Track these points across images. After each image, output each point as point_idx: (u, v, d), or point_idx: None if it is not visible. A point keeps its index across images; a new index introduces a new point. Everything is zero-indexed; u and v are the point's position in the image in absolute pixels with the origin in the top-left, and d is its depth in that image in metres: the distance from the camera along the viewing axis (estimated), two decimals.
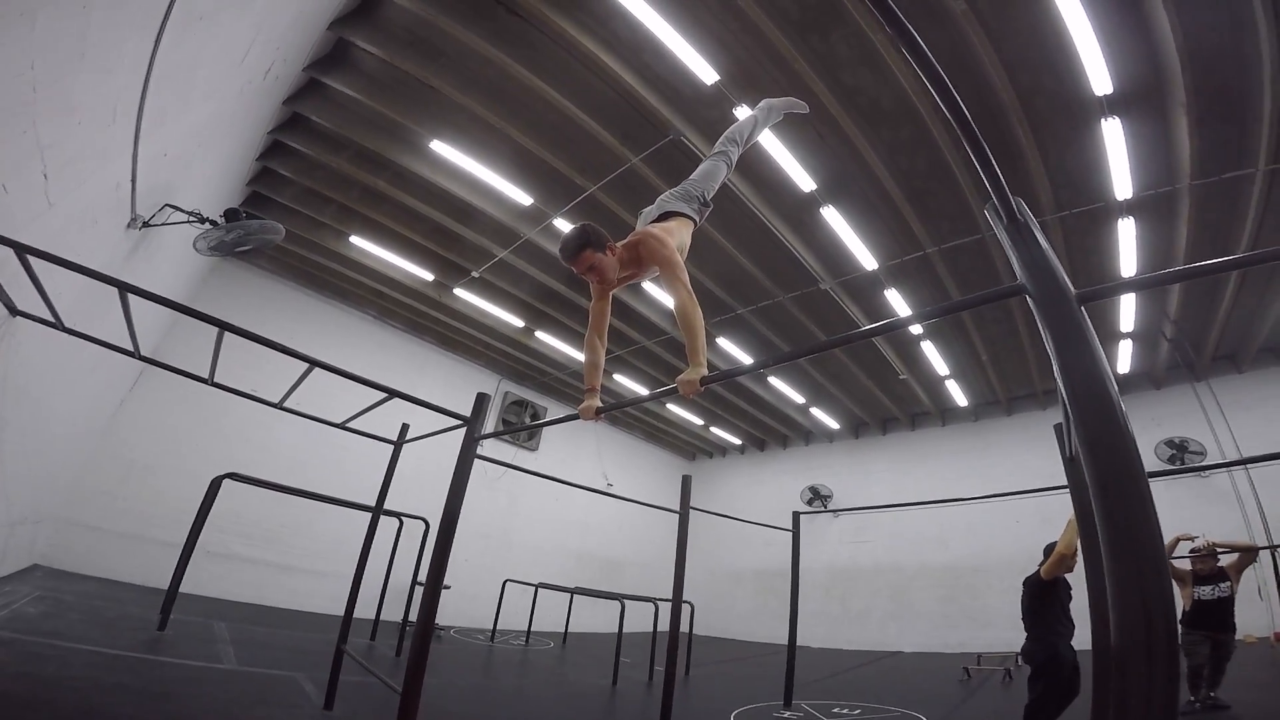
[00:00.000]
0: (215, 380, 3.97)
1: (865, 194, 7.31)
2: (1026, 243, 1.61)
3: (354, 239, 9.09)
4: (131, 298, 3.21)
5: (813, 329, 10.13)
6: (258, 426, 9.05)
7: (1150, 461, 9.85)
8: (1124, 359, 10.32)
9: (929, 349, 10.58)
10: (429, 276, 9.82)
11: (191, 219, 5.18)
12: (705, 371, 2.41)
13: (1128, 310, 9.06)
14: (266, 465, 8.14)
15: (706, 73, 5.83)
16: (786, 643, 6.35)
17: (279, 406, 4.17)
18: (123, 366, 7.17)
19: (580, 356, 11.82)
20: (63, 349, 4.44)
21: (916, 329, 9.97)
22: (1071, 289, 1.51)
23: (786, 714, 5.55)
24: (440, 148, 7.09)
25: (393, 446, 4.95)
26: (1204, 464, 9.52)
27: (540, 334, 11.37)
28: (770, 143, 6.50)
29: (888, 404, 13.14)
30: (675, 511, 5.43)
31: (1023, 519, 10.91)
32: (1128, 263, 7.64)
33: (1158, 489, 3.65)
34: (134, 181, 4.22)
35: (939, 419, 13.45)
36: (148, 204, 4.76)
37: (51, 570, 7.34)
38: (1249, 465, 8.06)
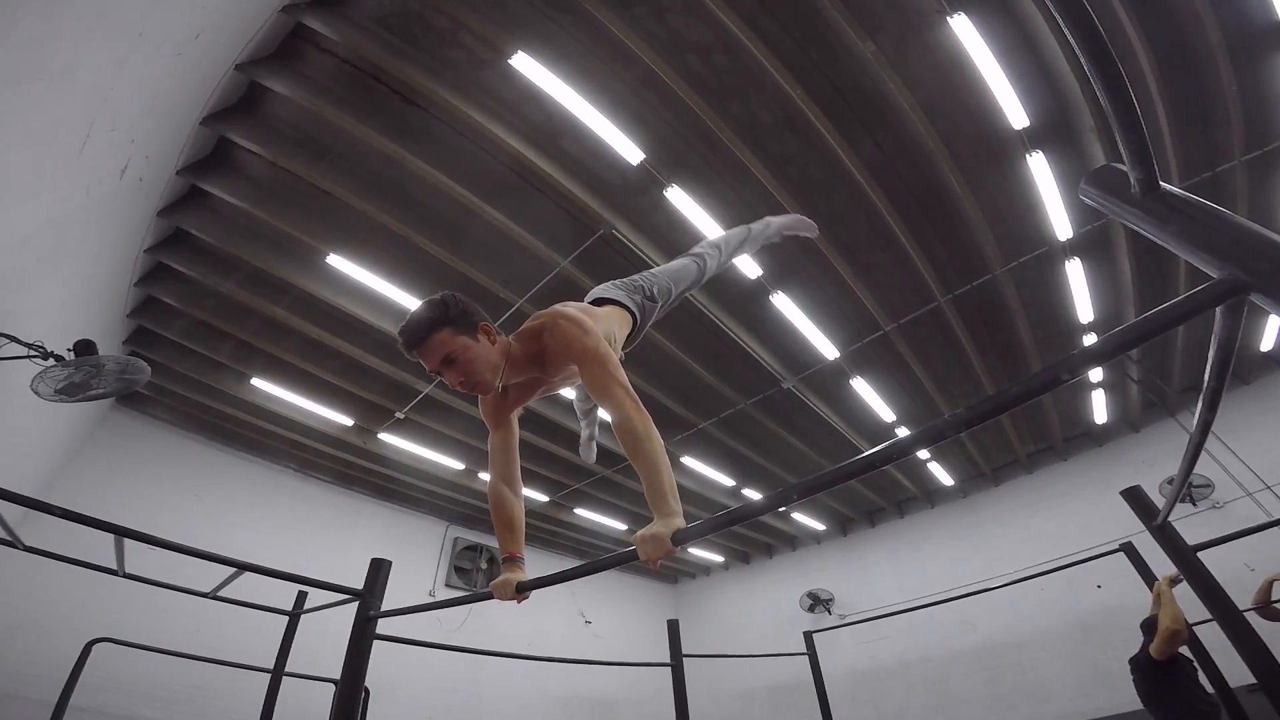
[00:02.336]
0: (26, 544, 2.94)
1: (812, 275, 6.92)
2: (1200, 219, 0.96)
3: (256, 381, 7.92)
4: None
5: (784, 434, 9.50)
6: (145, 587, 7.50)
7: (1157, 502, 9.19)
8: (1099, 409, 9.96)
9: (904, 434, 9.95)
10: (348, 421, 8.70)
11: (32, 354, 4.22)
12: (680, 523, 1.50)
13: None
14: (168, 621, 6.85)
15: (631, 152, 5.39)
16: None
17: (120, 574, 3.22)
18: None
19: (531, 494, 10.73)
20: None
21: (890, 416, 9.40)
22: None
23: None
24: (338, 263, 6.22)
25: (288, 618, 4.41)
26: (1212, 495, 8.97)
27: (484, 475, 10.20)
28: (707, 226, 6.02)
29: (870, 495, 12.37)
30: (668, 665, 4.73)
31: (1047, 586, 9.88)
32: (1084, 307, 7.41)
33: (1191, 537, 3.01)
34: None
35: (926, 501, 12.69)
36: None
37: None
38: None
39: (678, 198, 5.76)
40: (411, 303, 6.67)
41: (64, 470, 7.16)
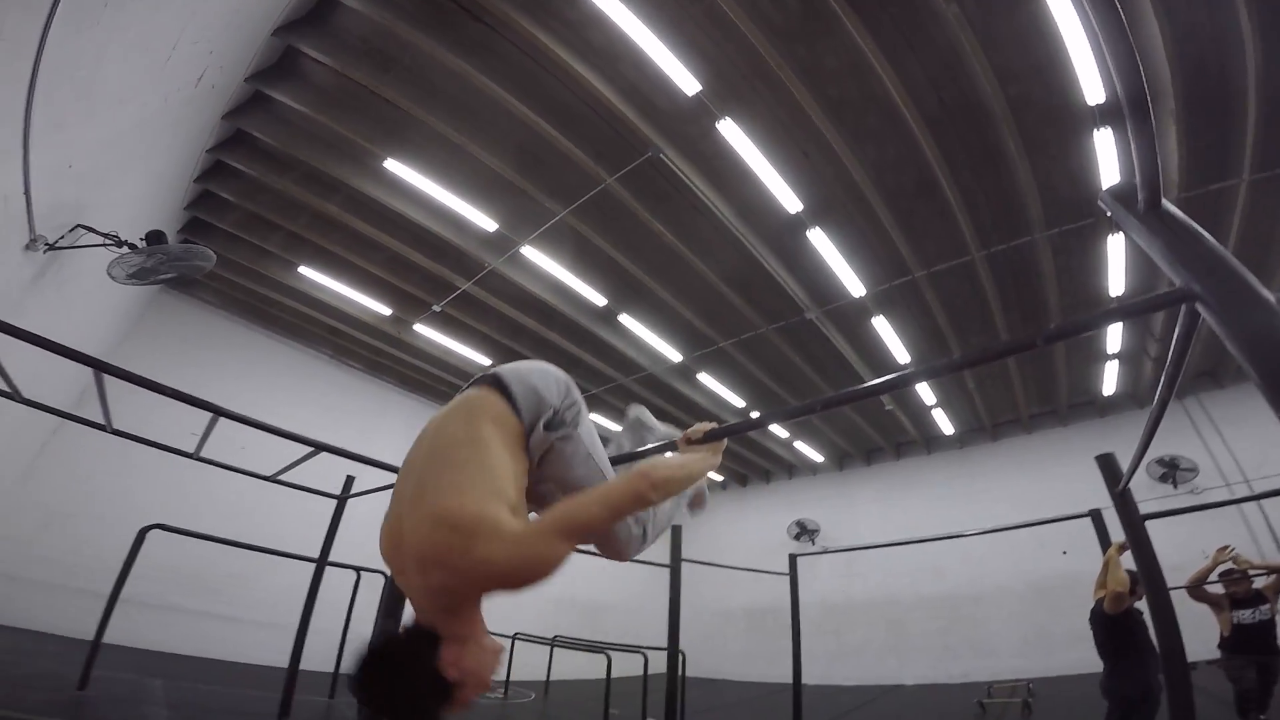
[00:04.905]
0: (115, 428, 3.33)
1: (851, 216, 6.99)
2: (1180, 236, 1.24)
3: (303, 269, 8.33)
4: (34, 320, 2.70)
5: (798, 362, 9.77)
6: (199, 471, 8.13)
7: (1142, 479, 9.60)
8: (1109, 381, 10.18)
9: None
10: (387, 311, 9.12)
11: (108, 242, 4.54)
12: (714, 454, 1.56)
13: (1115, 331, 8.88)
14: (209, 512, 7.33)
15: (688, 83, 5.42)
16: (781, 681, 6.07)
17: (194, 457, 3.56)
18: (36, 412, 6.38)
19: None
20: None
21: (905, 357, 9.65)
22: (1267, 293, 1.13)
23: None
24: (396, 167, 6.49)
25: (336, 502, 4.56)
26: (1193, 480, 9.50)
27: None
28: (755, 160, 6.12)
29: (872, 434, 12.81)
30: (666, 566, 5.10)
31: (1018, 545, 10.49)
32: (1116, 281, 7.47)
33: (1149, 510, 3.32)
34: (28, 195, 3.60)
35: (924, 447, 13.16)
36: (52, 224, 4.16)
37: None
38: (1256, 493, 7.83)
39: (729, 130, 5.81)
40: (463, 208, 6.98)
41: (114, 352, 7.31)
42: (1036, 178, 6.25)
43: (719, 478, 15.90)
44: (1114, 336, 8.94)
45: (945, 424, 11.96)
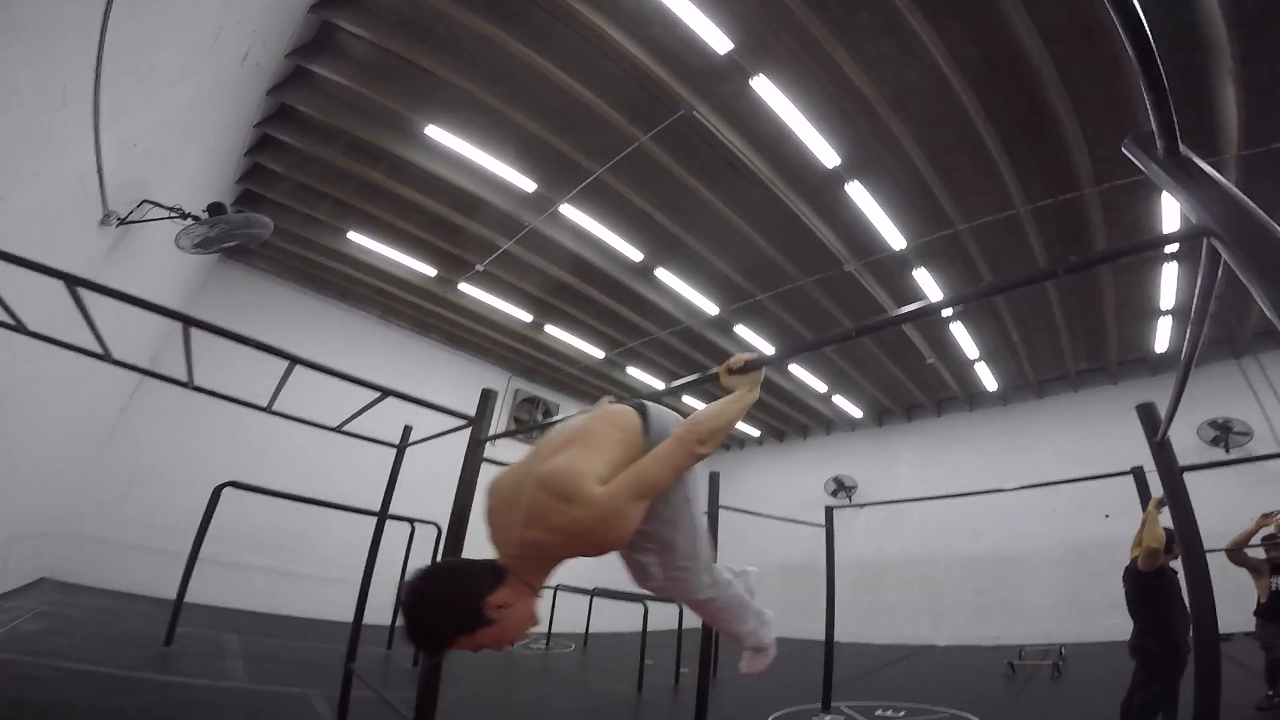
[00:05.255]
0: (196, 384, 3.63)
1: (890, 169, 6.84)
2: (1196, 179, 1.30)
3: (351, 235, 8.71)
4: (105, 298, 2.85)
5: (837, 314, 9.67)
6: (261, 433, 8.69)
7: (1192, 443, 9.32)
8: (1162, 337, 9.77)
9: (959, 331, 10.08)
10: (432, 272, 9.45)
11: (173, 215, 4.84)
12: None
13: (1169, 286, 8.51)
14: (272, 472, 7.78)
15: (720, 42, 5.36)
16: (815, 638, 6.10)
17: (268, 410, 3.84)
18: (119, 375, 6.89)
19: (589, 349, 11.51)
20: (41, 358, 4.18)
21: (947, 310, 9.46)
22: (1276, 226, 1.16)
23: (827, 718, 5.20)
24: (436, 134, 6.67)
25: (395, 450, 4.68)
26: (1247, 444, 9.11)
27: (550, 328, 10.98)
28: (791, 116, 6.02)
29: (913, 390, 12.59)
30: (704, 513, 5.04)
31: (1059, 507, 10.44)
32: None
33: (1198, 476, 3.27)
34: (100, 174, 3.88)
35: (966, 404, 12.90)
36: (122, 200, 4.45)
37: (59, 584, 7.12)
38: None
39: (764, 87, 5.73)
40: (502, 170, 7.13)
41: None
42: (1085, 134, 6.00)
43: (755, 433, 16.05)
44: (1167, 292, 8.57)
45: (989, 380, 11.73)
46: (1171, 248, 7.28)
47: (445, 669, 2.99)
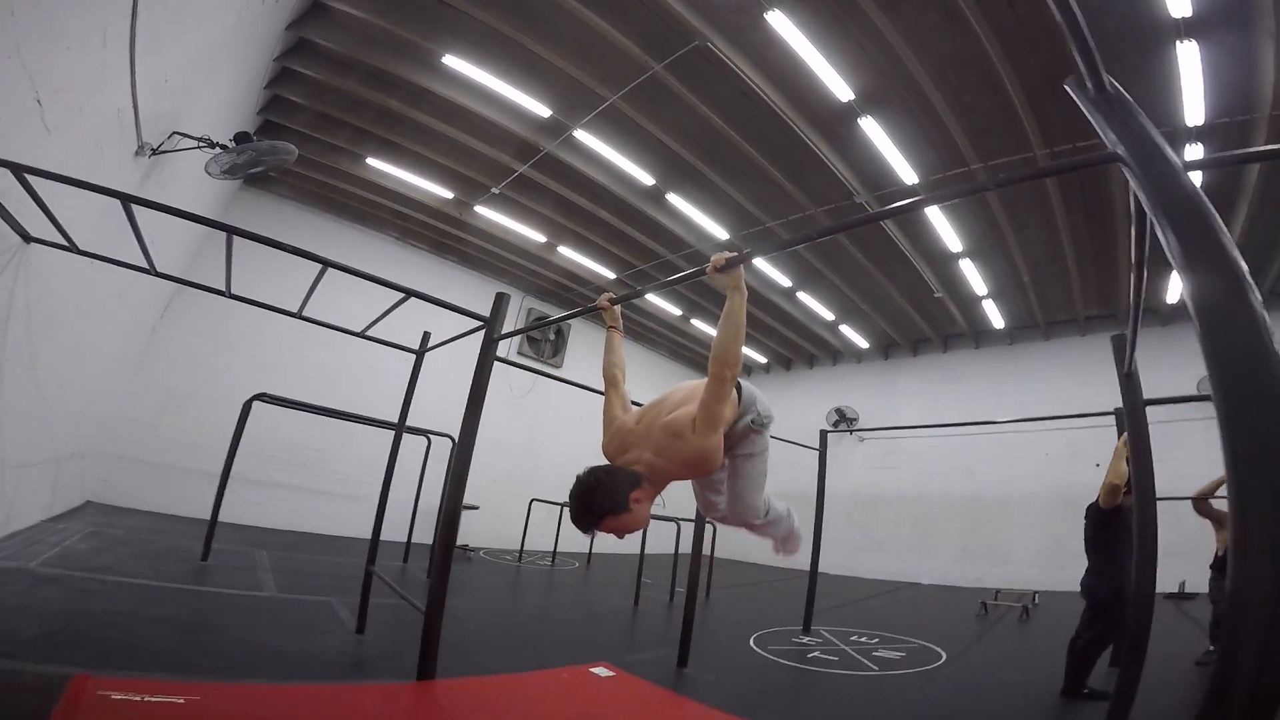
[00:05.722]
0: (233, 292, 3.95)
1: (908, 106, 6.76)
2: (1118, 113, 1.48)
3: (370, 161, 8.88)
4: (143, 215, 3.24)
5: (846, 245, 9.75)
6: (286, 349, 9.29)
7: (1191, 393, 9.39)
8: (1174, 288, 9.64)
9: (968, 267, 10.11)
10: (449, 195, 9.63)
11: (201, 145, 5.07)
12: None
13: None
14: (297, 388, 8.14)
15: None
16: (808, 569, 6.32)
17: (299, 316, 4.13)
18: (150, 292, 7.27)
19: (601, 270, 11.78)
20: (85, 276, 4.53)
21: (957, 245, 9.49)
22: (1178, 158, 1.33)
23: (805, 639, 5.56)
24: (454, 63, 6.77)
25: (415, 356, 4.86)
26: None
27: (563, 249, 11.22)
28: (804, 48, 5.97)
29: (920, 323, 12.71)
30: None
31: (1052, 451, 10.71)
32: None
33: (1193, 427, 3.38)
34: (136, 108, 4.12)
35: (973, 341, 12.97)
36: (155, 131, 4.69)
37: (103, 506, 7.67)
38: None
39: (779, 21, 5.68)
40: (519, 96, 7.25)
41: (209, 241, 7.88)
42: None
43: (763, 359, 16.33)
44: None
45: (996, 318, 11.81)
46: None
47: (456, 578, 3.33)
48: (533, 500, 10.31)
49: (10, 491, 4.88)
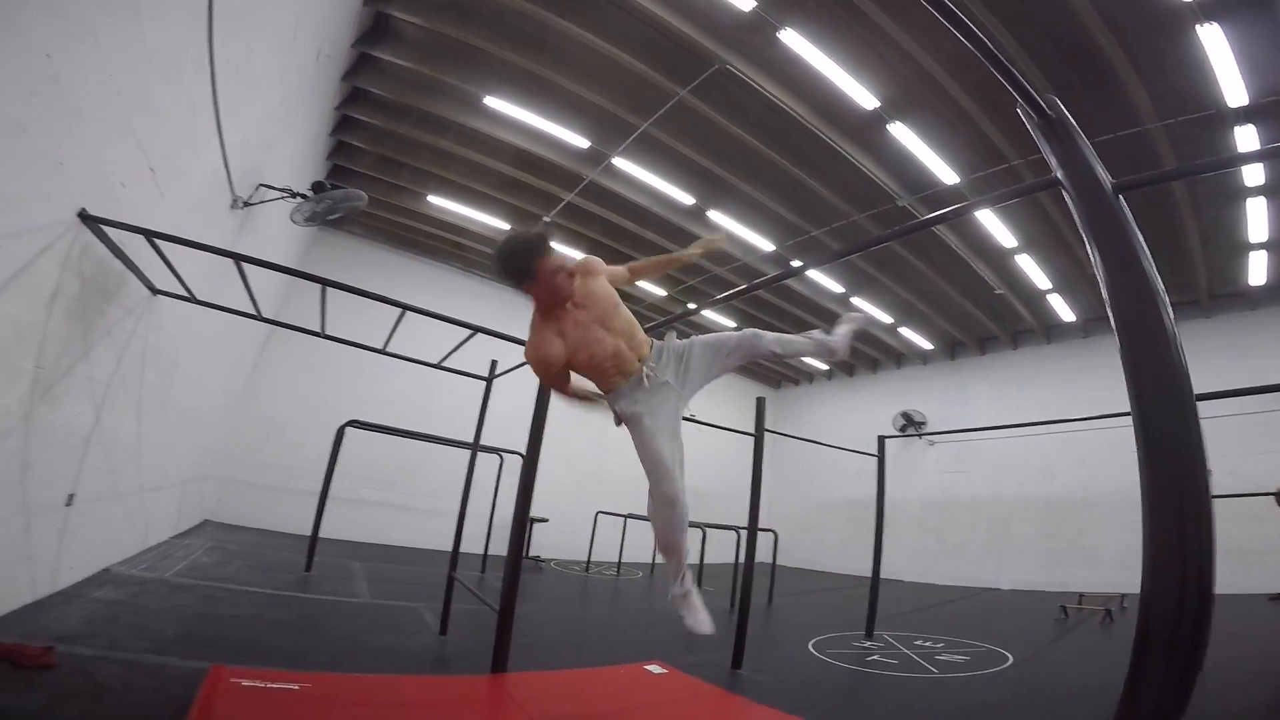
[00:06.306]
0: (326, 332, 4.40)
1: (937, 109, 6.80)
2: (1059, 138, 1.60)
3: (431, 198, 9.72)
4: (246, 267, 3.68)
5: (896, 248, 9.66)
6: (368, 381, 10.18)
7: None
8: (1256, 272, 9.10)
9: (1025, 262, 9.82)
10: (505, 226, 10.26)
11: (284, 195, 5.76)
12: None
13: (1258, 218, 7.87)
14: (379, 415, 8.71)
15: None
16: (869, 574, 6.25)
17: (383, 351, 4.56)
18: (250, 334, 8.19)
19: (650, 288, 12.16)
20: (196, 321, 5.16)
21: (1010, 241, 9.28)
22: (1109, 179, 1.48)
23: (866, 644, 5.53)
24: (494, 103, 7.37)
25: (485, 383, 5.22)
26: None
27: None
28: (822, 62, 6.19)
29: (985, 321, 12.28)
30: (750, 434, 5.17)
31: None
32: (1251, 174, 6.81)
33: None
34: (227, 166, 4.76)
35: (1044, 336, 12.36)
36: (244, 185, 5.33)
37: (219, 524, 8.70)
38: None
39: (792, 39, 5.94)
40: (557, 130, 7.79)
41: (294, 284, 8.29)
42: (1141, 73, 5.81)
43: (823, 367, 16.12)
44: (1257, 225, 7.97)
45: (1065, 310, 11.31)
46: (1255, 181, 7.01)
47: (528, 586, 3.69)
48: (598, 512, 10.67)
49: (148, 512, 5.71)
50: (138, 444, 4.86)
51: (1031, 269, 9.97)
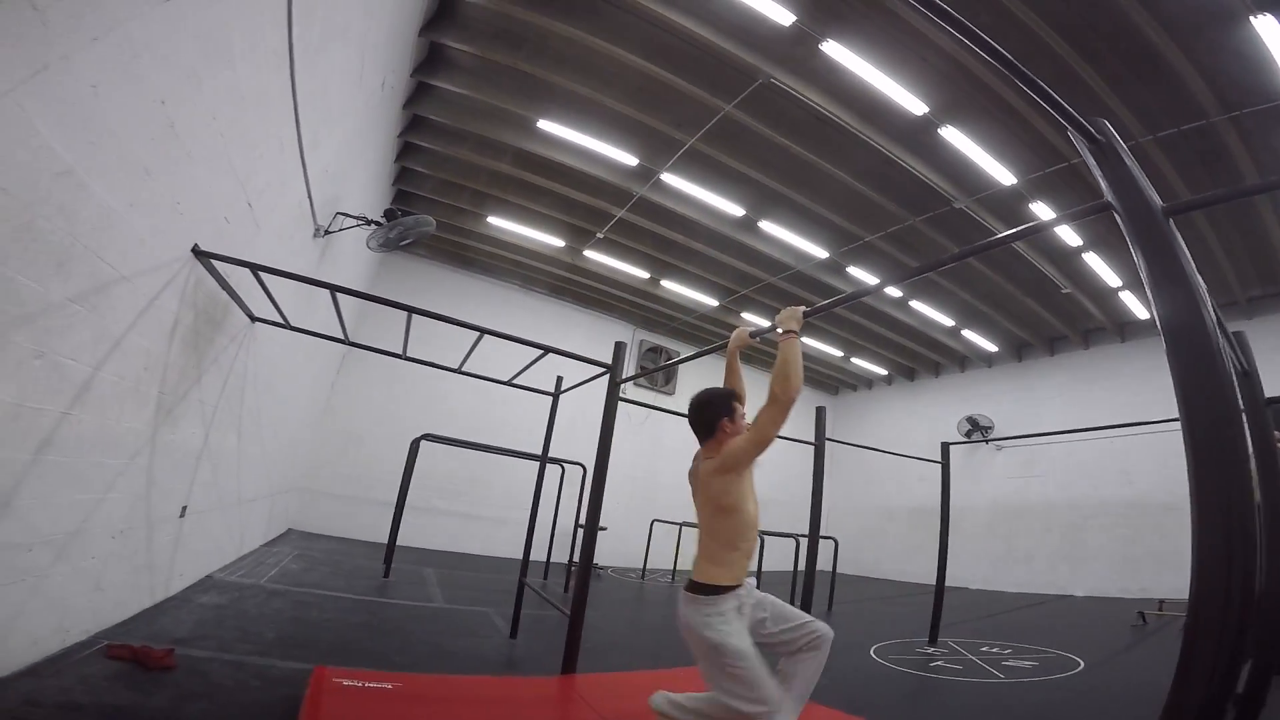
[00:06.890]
0: (408, 355, 4.71)
1: (988, 110, 6.69)
2: (1110, 162, 1.65)
3: (491, 219, 10.21)
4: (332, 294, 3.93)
5: (951, 248, 9.44)
6: (438, 396, 10.83)
7: None
8: None
9: (1093, 260, 9.44)
10: (560, 243, 10.75)
11: (359, 223, 6.20)
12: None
13: None
14: (449, 428, 9.14)
15: (780, 14, 5.71)
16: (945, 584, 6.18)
17: (459, 371, 4.80)
18: (329, 354, 8.79)
19: (702, 298, 12.35)
20: (285, 343, 5.57)
21: (1075, 240, 8.97)
22: (1159, 203, 1.53)
23: (930, 650, 5.49)
24: (547, 125, 7.72)
25: (551, 398, 5.36)
26: None
27: (665, 282, 11.94)
28: (866, 70, 6.21)
29: (1053, 321, 11.73)
30: (810, 443, 5.18)
31: None
32: None
33: None
34: (310, 197, 5.16)
35: (1117, 334, 11.74)
36: (324, 214, 5.77)
37: (302, 533, 9.32)
38: None
39: (834, 49, 6.00)
40: (607, 149, 8.07)
41: (366, 307, 8.97)
42: (1199, 66, 5.59)
43: (883, 371, 15.86)
44: None
45: (1139, 308, 10.75)
46: None
47: (589, 592, 3.84)
48: (654, 521, 10.83)
49: (244, 521, 6.24)
50: (237, 460, 5.34)
51: (1100, 267, 9.57)
